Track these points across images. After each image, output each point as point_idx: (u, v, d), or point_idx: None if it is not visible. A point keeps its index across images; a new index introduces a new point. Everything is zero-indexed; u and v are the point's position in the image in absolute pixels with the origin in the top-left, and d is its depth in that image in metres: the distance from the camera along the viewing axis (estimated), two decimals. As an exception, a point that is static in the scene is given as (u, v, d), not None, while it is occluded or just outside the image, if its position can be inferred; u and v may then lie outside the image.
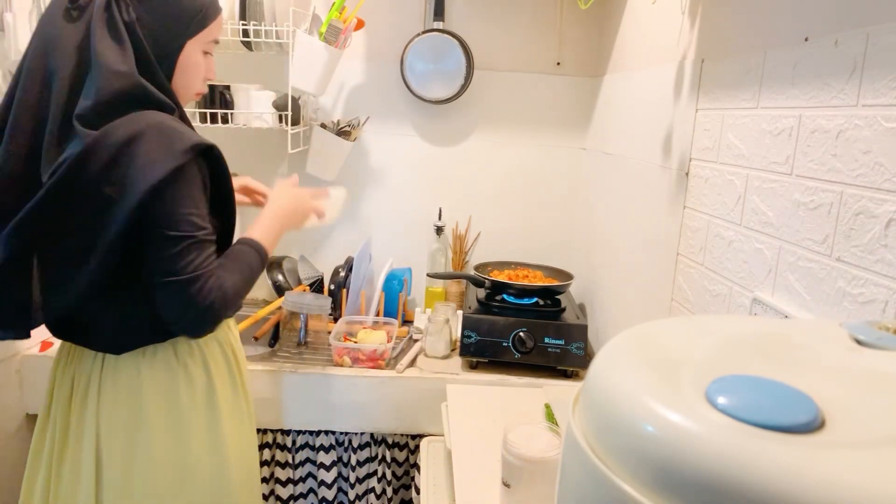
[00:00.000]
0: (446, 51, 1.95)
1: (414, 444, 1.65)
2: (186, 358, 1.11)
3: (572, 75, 2.07)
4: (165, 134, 0.97)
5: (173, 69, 1.07)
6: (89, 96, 0.95)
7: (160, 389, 1.09)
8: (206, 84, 1.16)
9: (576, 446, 0.43)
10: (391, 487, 1.67)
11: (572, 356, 1.64)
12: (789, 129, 0.92)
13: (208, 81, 1.16)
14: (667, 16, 1.42)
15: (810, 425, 0.36)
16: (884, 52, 0.74)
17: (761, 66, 1.01)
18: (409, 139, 2.10)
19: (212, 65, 1.15)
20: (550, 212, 2.16)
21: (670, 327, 0.52)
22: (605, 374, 0.46)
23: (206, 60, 1.13)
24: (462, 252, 2.15)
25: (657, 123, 1.43)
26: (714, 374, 0.42)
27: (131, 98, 0.98)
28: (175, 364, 1.10)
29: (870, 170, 0.76)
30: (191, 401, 1.11)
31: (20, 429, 1.60)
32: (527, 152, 2.12)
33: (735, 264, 1.06)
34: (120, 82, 0.96)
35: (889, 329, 0.48)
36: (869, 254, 0.75)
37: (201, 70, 1.12)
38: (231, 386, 1.19)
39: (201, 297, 0.99)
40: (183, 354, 1.11)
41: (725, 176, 1.10)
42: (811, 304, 0.86)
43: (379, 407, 1.61)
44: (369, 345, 1.63)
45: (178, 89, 1.09)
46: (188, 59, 1.08)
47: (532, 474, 0.98)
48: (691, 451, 0.36)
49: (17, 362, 1.57)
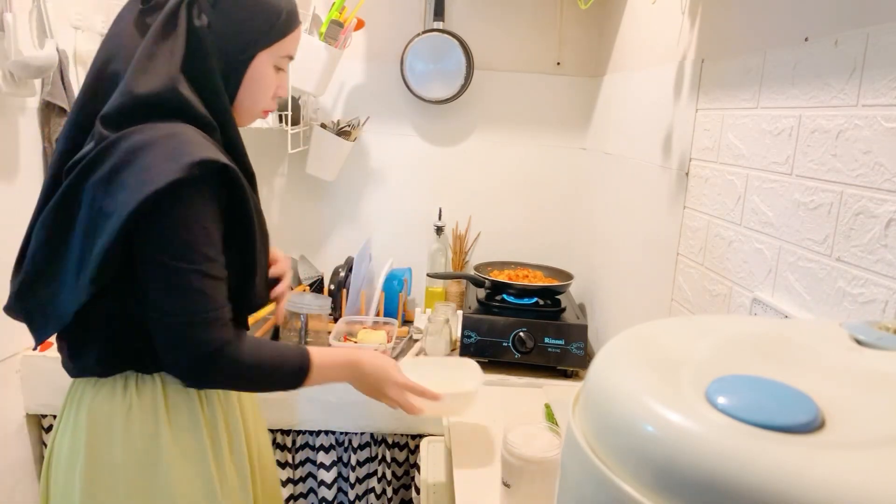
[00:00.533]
0: (446, 51, 1.95)
1: (414, 444, 1.65)
2: (133, 396, 0.96)
3: (572, 75, 2.07)
4: (175, 145, 0.86)
5: (240, 82, 0.98)
6: (118, 97, 0.88)
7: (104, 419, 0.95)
8: (275, 101, 1.05)
9: (576, 446, 0.43)
10: (391, 487, 1.67)
11: (572, 356, 1.64)
12: (789, 129, 0.92)
13: (278, 98, 1.05)
14: (667, 16, 1.42)
15: (810, 425, 0.36)
16: (884, 52, 0.74)
17: (761, 66, 1.01)
18: (409, 139, 2.10)
19: (284, 81, 1.05)
20: (550, 212, 2.16)
21: (670, 327, 0.52)
22: (605, 374, 0.46)
23: (279, 76, 1.03)
24: (462, 252, 2.15)
25: (657, 123, 1.43)
26: (714, 374, 0.42)
27: (161, 106, 0.89)
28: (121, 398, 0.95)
29: (870, 170, 0.76)
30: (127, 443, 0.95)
31: (20, 429, 1.60)
32: (527, 152, 2.12)
33: (735, 264, 1.06)
34: (151, 86, 0.88)
35: (889, 329, 0.48)
36: (869, 254, 0.75)
37: (271, 86, 1.02)
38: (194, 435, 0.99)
39: (203, 344, 0.88)
40: (130, 390, 0.96)
41: (725, 176, 1.10)
42: (811, 304, 0.86)
43: (379, 407, 1.59)
44: (369, 345, 1.63)
45: (243, 105, 1.00)
46: (258, 72, 0.98)
47: (532, 474, 0.98)
48: (691, 451, 0.36)
49: (17, 362, 1.57)
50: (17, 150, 1.52)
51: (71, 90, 1.60)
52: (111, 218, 0.84)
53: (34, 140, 1.58)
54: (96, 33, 1.78)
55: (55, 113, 1.58)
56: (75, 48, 1.68)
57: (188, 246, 0.87)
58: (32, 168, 1.58)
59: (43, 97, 1.56)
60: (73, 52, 1.67)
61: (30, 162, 1.57)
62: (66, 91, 1.58)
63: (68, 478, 0.95)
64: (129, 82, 0.88)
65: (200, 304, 0.88)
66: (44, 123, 1.59)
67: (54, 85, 1.54)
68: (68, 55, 1.62)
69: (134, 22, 0.94)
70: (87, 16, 1.72)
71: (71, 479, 0.94)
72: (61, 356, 0.99)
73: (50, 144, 1.58)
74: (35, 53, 1.42)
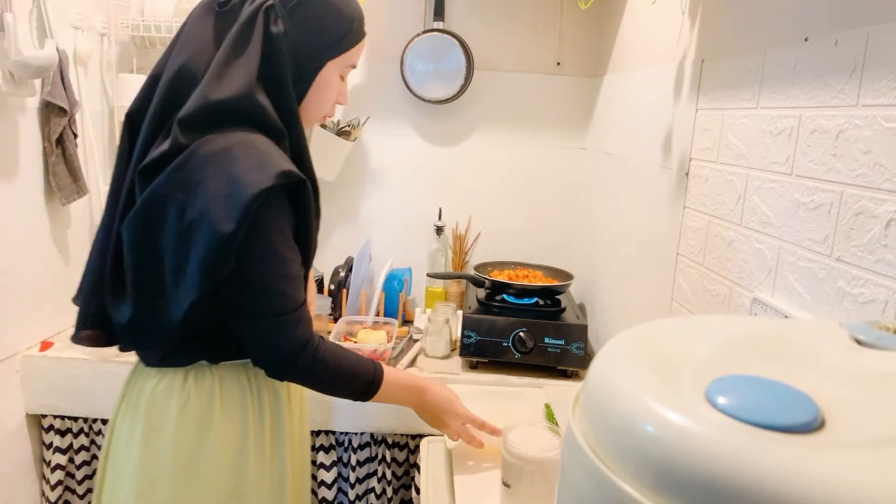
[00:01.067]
0: (446, 51, 1.95)
1: (414, 444, 1.65)
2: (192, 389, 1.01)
3: (572, 75, 2.07)
4: (256, 156, 0.91)
5: (307, 89, 1.02)
6: (195, 101, 0.91)
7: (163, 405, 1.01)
8: (334, 108, 1.10)
9: (576, 446, 0.43)
10: (391, 487, 1.67)
11: (572, 356, 1.64)
12: (789, 129, 0.92)
13: (338, 105, 1.11)
14: (667, 16, 1.42)
15: (810, 425, 0.36)
16: (884, 52, 0.74)
17: (761, 66, 1.01)
18: (409, 139, 2.10)
19: (344, 89, 1.09)
20: (550, 212, 2.16)
21: (670, 327, 0.52)
22: (605, 374, 0.46)
23: (341, 84, 1.07)
24: (462, 252, 2.15)
25: (657, 123, 1.43)
26: (714, 374, 0.42)
27: (236, 112, 0.93)
28: (179, 391, 1.01)
29: (870, 170, 0.76)
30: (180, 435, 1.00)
31: (20, 429, 1.60)
32: (527, 152, 2.12)
33: (735, 264, 1.06)
34: (227, 93, 0.91)
35: (889, 329, 0.48)
36: (869, 254, 0.75)
37: (334, 93, 1.06)
38: (240, 432, 1.04)
39: (289, 341, 0.95)
40: (189, 384, 1.01)
41: (725, 176, 1.10)
42: (811, 304, 0.86)
43: (379, 407, 1.60)
44: (369, 345, 1.63)
45: (308, 110, 1.04)
46: (325, 79, 1.03)
47: (532, 474, 0.98)
48: (691, 451, 0.36)
49: (17, 362, 1.57)
50: (17, 150, 1.52)
51: (71, 90, 1.60)
52: (204, 229, 0.87)
53: (34, 140, 1.58)
54: (96, 33, 1.79)
55: (55, 113, 1.58)
56: (75, 48, 1.68)
57: (273, 250, 0.93)
58: (32, 168, 1.58)
59: (43, 97, 1.56)
60: (73, 52, 1.67)
61: (30, 162, 1.57)
62: (66, 91, 1.58)
63: (126, 456, 1.01)
64: (206, 88, 0.91)
65: (286, 304, 0.95)
66: (44, 123, 1.59)
67: (54, 85, 1.54)
68: (68, 55, 1.62)
69: (209, 25, 0.97)
70: (87, 16, 1.73)
71: (127, 458, 1.01)
72: (121, 346, 1.03)
73: (50, 144, 1.58)
74: (35, 53, 1.42)
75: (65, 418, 1.63)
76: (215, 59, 0.93)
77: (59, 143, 1.60)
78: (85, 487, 1.68)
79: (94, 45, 1.77)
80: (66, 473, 1.67)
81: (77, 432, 1.64)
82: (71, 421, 1.64)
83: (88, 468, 1.68)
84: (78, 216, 1.77)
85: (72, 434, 1.65)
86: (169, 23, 1.78)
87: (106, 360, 1.57)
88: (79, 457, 1.66)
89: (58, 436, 1.64)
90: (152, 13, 1.79)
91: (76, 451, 1.66)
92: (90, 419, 1.63)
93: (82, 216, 1.79)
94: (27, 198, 1.57)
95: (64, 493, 1.68)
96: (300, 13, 0.97)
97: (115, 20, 1.81)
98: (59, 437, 1.64)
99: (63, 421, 1.64)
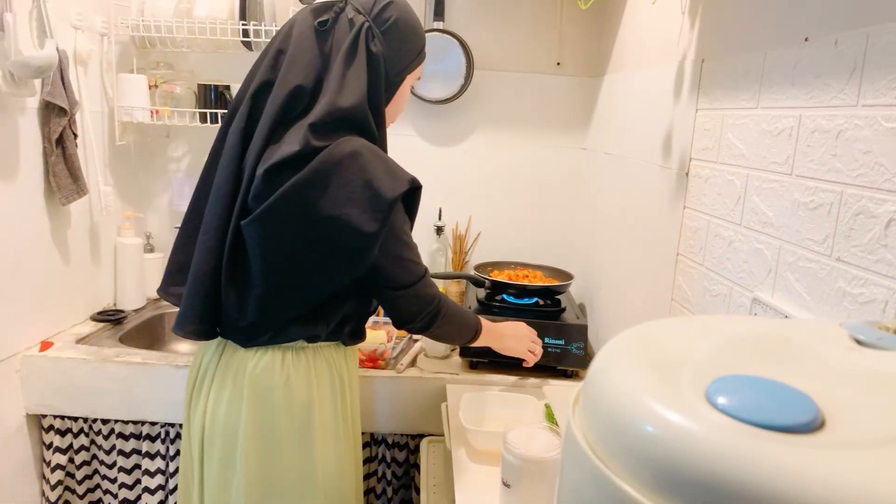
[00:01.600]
0: (446, 51, 1.95)
1: (414, 444, 1.65)
2: (290, 368, 1.14)
3: (572, 75, 2.07)
4: (381, 162, 1.08)
5: (391, 98, 1.17)
6: (325, 109, 1.04)
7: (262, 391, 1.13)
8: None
9: (576, 446, 0.43)
10: (391, 487, 1.67)
11: (572, 356, 1.64)
12: (789, 130, 0.92)
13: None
14: (667, 16, 1.42)
15: (810, 425, 0.36)
16: (884, 52, 0.74)
17: (761, 66, 1.01)
18: (409, 139, 2.10)
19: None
20: (550, 212, 2.16)
21: (670, 327, 0.52)
22: (605, 374, 0.46)
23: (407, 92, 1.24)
24: (462, 252, 2.15)
25: (657, 123, 1.43)
26: (714, 374, 0.42)
27: (356, 120, 1.07)
28: (279, 370, 1.13)
29: (870, 170, 0.76)
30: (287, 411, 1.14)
31: (20, 429, 1.60)
32: (527, 152, 2.12)
33: (735, 264, 1.06)
34: (351, 101, 1.05)
35: (889, 329, 0.48)
36: (869, 254, 0.75)
37: (405, 100, 1.23)
38: (332, 409, 1.19)
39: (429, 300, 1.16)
40: (287, 363, 1.14)
41: (725, 176, 1.10)
42: (811, 304, 0.86)
43: (379, 407, 1.60)
44: (369, 345, 1.63)
45: (389, 115, 1.19)
46: (403, 90, 1.19)
47: (532, 474, 0.98)
48: (691, 451, 0.36)
49: (17, 362, 1.57)
50: (17, 150, 1.52)
51: (71, 90, 1.60)
52: (347, 228, 1.03)
53: (34, 140, 1.58)
54: (96, 33, 1.79)
55: (55, 113, 1.58)
56: (75, 48, 1.68)
57: (405, 234, 1.13)
58: (32, 168, 1.58)
59: (43, 97, 1.56)
60: (73, 52, 1.67)
61: (30, 162, 1.57)
62: (66, 91, 1.58)
63: (227, 442, 1.12)
64: (334, 98, 1.05)
65: (420, 273, 1.15)
66: (44, 123, 1.59)
67: (54, 85, 1.54)
68: (68, 55, 1.62)
69: (312, 42, 1.09)
70: (87, 16, 1.73)
71: (231, 445, 1.12)
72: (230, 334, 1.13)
73: (50, 144, 1.58)
74: (35, 53, 1.42)
75: (65, 418, 1.63)
76: (334, 73, 1.06)
77: (59, 143, 1.60)
78: (85, 487, 1.68)
79: (94, 45, 1.77)
80: (66, 473, 1.67)
81: (77, 432, 1.64)
82: (71, 421, 1.64)
83: (88, 468, 1.68)
84: (78, 216, 1.77)
85: (72, 434, 1.65)
86: (169, 23, 1.78)
87: (106, 360, 1.57)
88: (79, 457, 1.66)
89: (58, 436, 1.64)
90: (152, 13, 1.79)
91: (76, 451, 1.66)
92: (90, 419, 1.63)
93: (82, 216, 1.79)
94: (27, 198, 1.57)
95: (64, 493, 1.68)
96: (390, 34, 1.11)
97: (114, 20, 1.81)
98: (59, 437, 1.64)
99: (63, 421, 1.64)
